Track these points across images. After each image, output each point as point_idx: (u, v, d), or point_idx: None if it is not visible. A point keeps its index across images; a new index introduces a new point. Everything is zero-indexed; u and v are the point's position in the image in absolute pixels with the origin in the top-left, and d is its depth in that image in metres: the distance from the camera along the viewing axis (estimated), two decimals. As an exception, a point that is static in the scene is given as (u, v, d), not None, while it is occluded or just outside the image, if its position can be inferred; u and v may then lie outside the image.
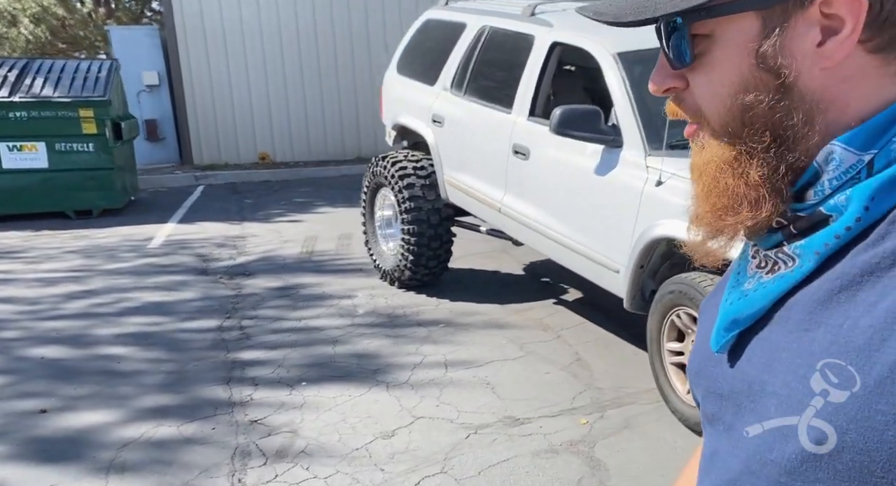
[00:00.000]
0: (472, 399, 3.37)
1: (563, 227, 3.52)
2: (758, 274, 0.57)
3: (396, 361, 3.86)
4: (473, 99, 4.33)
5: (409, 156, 4.91)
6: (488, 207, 4.18)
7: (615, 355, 3.78)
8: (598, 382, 3.49)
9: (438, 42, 4.89)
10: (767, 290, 0.55)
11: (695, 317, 2.85)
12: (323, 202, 8.53)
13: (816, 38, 0.51)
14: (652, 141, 3.09)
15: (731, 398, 0.58)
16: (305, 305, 4.84)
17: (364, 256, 5.85)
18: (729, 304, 0.59)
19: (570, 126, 3.27)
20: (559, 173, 3.54)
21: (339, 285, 5.20)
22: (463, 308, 4.61)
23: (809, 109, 0.53)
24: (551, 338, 4.06)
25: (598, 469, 2.75)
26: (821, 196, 0.53)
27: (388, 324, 4.41)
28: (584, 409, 3.22)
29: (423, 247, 4.73)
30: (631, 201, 3.05)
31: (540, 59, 3.80)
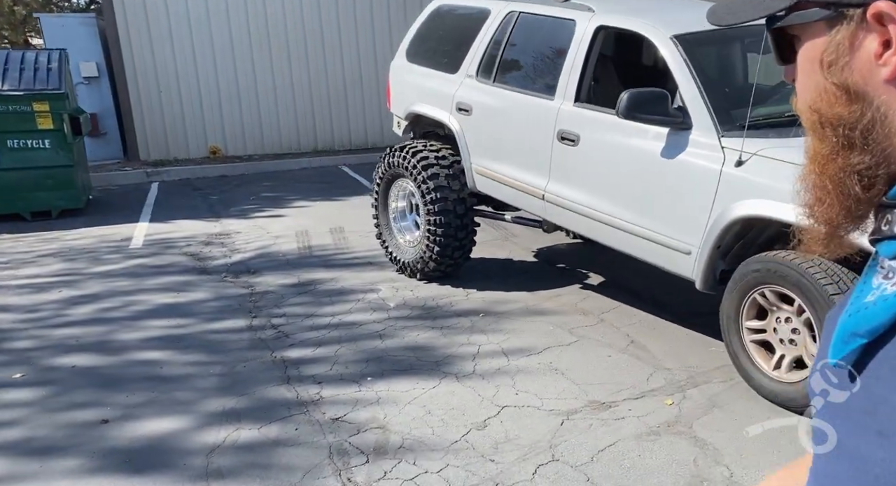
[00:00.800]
0: (549, 386, 3.40)
1: (624, 211, 3.58)
2: (882, 285, 0.54)
3: (453, 352, 3.84)
4: (506, 86, 4.33)
5: (429, 145, 4.87)
6: (528, 195, 4.20)
7: (665, 336, 3.90)
8: (664, 363, 3.59)
9: (456, 29, 4.86)
10: (890, 303, 0.51)
11: (780, 294, 2.98)
12: (296, 196, 8.31)
13: (876, 49, 0.52)
14: (723, 122, 3.20)
15: (851, 417, 0.54)
16: (330, 301, 4.73)
17: (367, 248, 5.78)
18: (849, 316, 0.56)
19: (639, 109, 3.33)
20: (617, 158, 3.60)
21: (356, 280, 5.11)
22: (494, 297, 4.63)
23: (881, 119, 0.53)
24: (595, 322, 4.14)
25: (706, 449, 2.85)
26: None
27: (427, 316, 4.38)
28: (664, 390, 3.32)
29: (449, 237, 4.71)
30: (707, 183, 3.15)
31: (584, 43, 3.85)
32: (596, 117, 3.75)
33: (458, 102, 4.64)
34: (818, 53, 0.56)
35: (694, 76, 3.33)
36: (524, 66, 4.28)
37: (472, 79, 4.58)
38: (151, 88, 10.29)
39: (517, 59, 4.33)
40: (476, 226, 4.85)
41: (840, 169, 0.55)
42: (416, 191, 4.86)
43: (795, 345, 2.97)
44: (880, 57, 0.52)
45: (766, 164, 2.96)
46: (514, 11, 4.37)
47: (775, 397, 3.04)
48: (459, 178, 4.72)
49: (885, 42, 0.51)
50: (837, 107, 0.55)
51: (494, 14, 4.51)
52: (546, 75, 4.10)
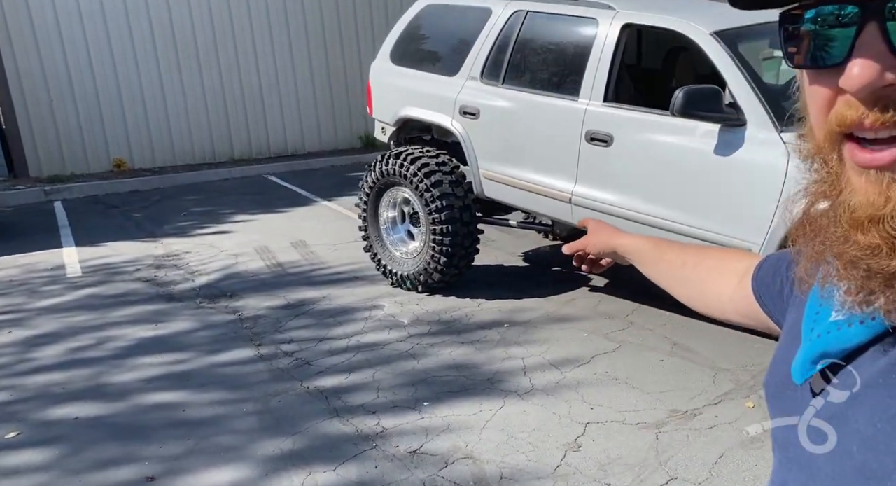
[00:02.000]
0: (620, 397, 3.29)
1: (671, 211, 3.54)
2: (847, 302, 0.51)
3: (499, 367, 3.64)
4: (519, 88, 4.19)
5: (427, 152, 4.63)
6: (550, 199, 4.08)
7: (705, 336, 3.91)
8: (719, 363, 3.59)
9: (449, 29, 4.66)
10: (867, 326, 0.50)
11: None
12: (231, 210, 7.74)
13: None
14: (780, 117, 3.22)
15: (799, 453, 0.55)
16: (335, 321, 4.37)
17: (344, 262, 5.46)
18: (817, 336, 0.54)
19: (695, 107, 3.30)
20: (662, 157, 3.55)
21: (350, 297, 4.77)
22: (508, 306, 4.47)
23: None
24: (626, 326, 4.09)
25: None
26: None
27: (449, 331, 4.14)
28: (738, 392, 3.30)
29: (456, 246, 4.50)
30: (772, 179, 3.15)
31: (611, 42, 3.78)
32: (632, 117, 3.69)
33: (463, 105, 4.44)
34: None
35: (743, 72, 3.34)
36: (538, 67, 4.15)
37: (477, 81, 4.40)
38: (40, 96, 9.20)
39: (529, 59, 4.20)
40: (480, 232, 4.67)
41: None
42: (416, 199, 4.60)
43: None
44: None
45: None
46: (522, 11, 4.24)
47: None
48: (462, 184, 4.52)
49: None
50: None
51: (497, 13, 4.36)
52: (566, 75, 4.00)
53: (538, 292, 4.68)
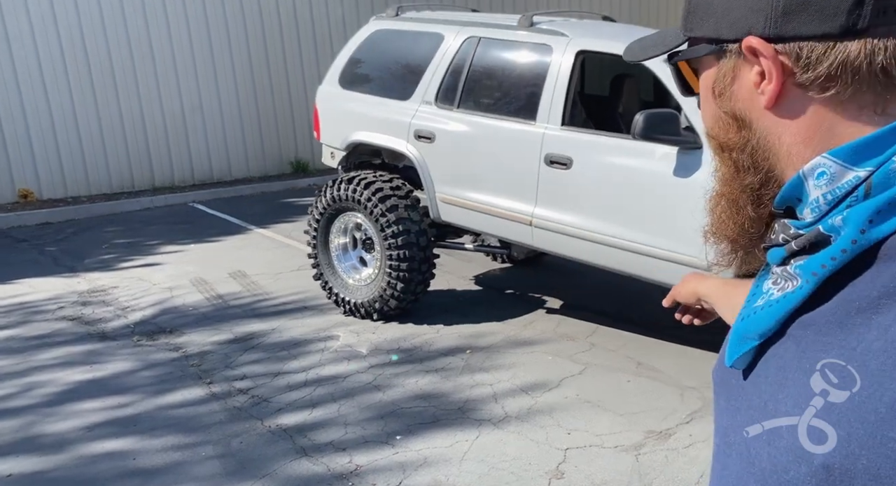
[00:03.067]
0: (595, 420, 3.27)
1: (632, 232, 3.59)
2: (770, 291, 0.58)
3: (468, 395, 3.56)
4: (475, 112, 4.18)
5: (380, 176, 4.55)
6: (510, 222, 4.07)
7: (665, 354, 3.96)
8: (684, 381, 3.63)
9: (400, 54, 4.62)
10: (774, 309, 0.56)
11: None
12: (158, 240, 7.36)
13: (754, 80, 0.57)
14: (734, 144, 3.33)
15: (747, 414, 0.59)
16: (289, 355, 4.17)
17: (290, 292, 5.26)
18: (741, 319, 0.60)
19: (655, 130, 3.38)
20: (622, 179, 3.60)
21: (301, 328, 4.58)
22: (467, 331, 4.40)
23: (766, 143, 0.58)
24: (588, 347, 4.10)
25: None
26: (818, 213, 0.55)
27: (411, 359, 4.03)
28: (706, 409, 3.34)
29: (413, 272, 4.42)
30: (730, 202, 3.25)
31: (566, 68, 3.84)
32: (591, 140, 3.74)
33: (417, 129, 4.39)
34: (710, 84, 0.61)
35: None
36: (494, 92, 4.16)
37: (431, 105, 4.36)
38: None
39: (484, 84, 4.20)
40: (436, 257, 4.60)
41: (736, 189, 0.61)
42: (370, 225, 4.50)
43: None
44: (758, 86, 0.56)
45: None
46: (474, 37, 4.25)
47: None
48: (417, 208, 4.46)
49: (761, 73, 0.56)
50: (730, 133, 0.60)
51: (450, 39, 4.35)
52: (522, 100, 4.02)
53: (496, 315, 4.64)
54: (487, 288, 5.27)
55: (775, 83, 0.55)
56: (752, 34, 0.56)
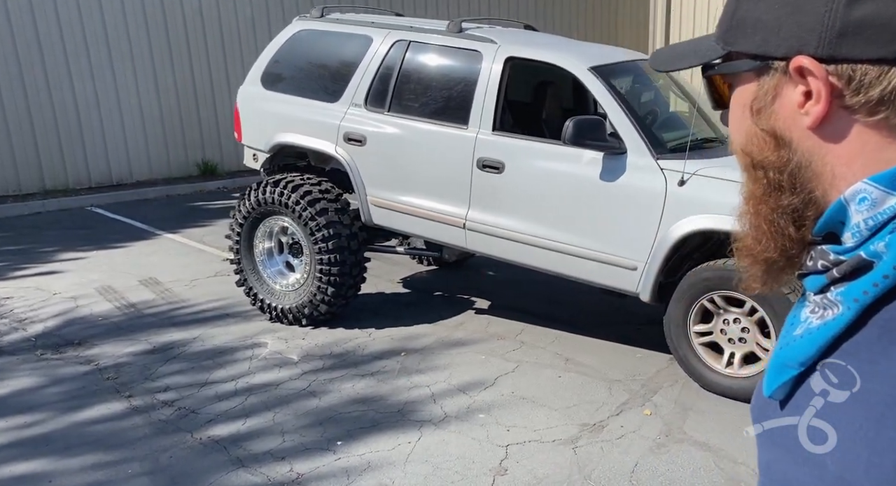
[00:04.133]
0: (531, 416, 3.36)
1: (560, 234, 3.72)
2: (809, 319, 0.57)
3: (406, 398, 3.57)
4: (406, 116, 4.20)
5: (308, 179, 4.48)
6: (443, 225, 4.11)
7: (591, 350, 4.12)
8: (610, 375, 3.79)
9: (328, 55, 4.56)
10: (814, 337, 0.55)
11: (730, 298, 3.38)
12: (55, 247, 6.92)
13: (798, 99, 0.56)
14: (656, 145, 3.53)
15: (782, 445, 0.58)
16: (215, 364, 4.03)
17: (209, 299, 5.10)
18: (779, 348, 0.59)
19: (585, 136, 3.51)
20: (551, 183, 3.72)
21: (225, 336, 4.44)
22: (399, 334, 4.41)
23: (807, 164, 0.58)
24: (518, 345, 4.20)
25: (716, 451, 3.07)
26: (858, 239, 0.54)
27: (345, 364, 3.99)
28: (633, 401, 3.50)
29: (344, 276, 4.38)
30: (653, 202, 3.44)
31: (496, 74, 3.93)
32: (522, 145, 3.84)
33: (347, 132, 4.35)
34: (748, 100, 0.60)
35: (620, 104, 3.63)
36: (425, 96, 4.19)
37: (361, 108, 4.34)
38: None
39: (415, 88, 4.22)
40: (367, 261, 4.58)
41: (772, 210, 0.59)
42: (298, 229, 4.42)
43: (745, 343, 3.40)
44: (803, 106, 0.56)
45: (707, 182, 3.35)
46: (404, 41, 4.27)
47: (732, 393, 3.42)
48: (348, 211, 4.42)
49: (807, 93, 0.55)
50: (766, 151, 0.59)
51: (378, 42, 4.35)
52: (454, 105, 4.08)
53: (426, 317, 4.66)
54: (416, 291, 5.29)
55: (823, 104, 0.55)
56: (802, 53, 0.55)
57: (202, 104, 10.49)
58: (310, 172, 4.71)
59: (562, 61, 3.81)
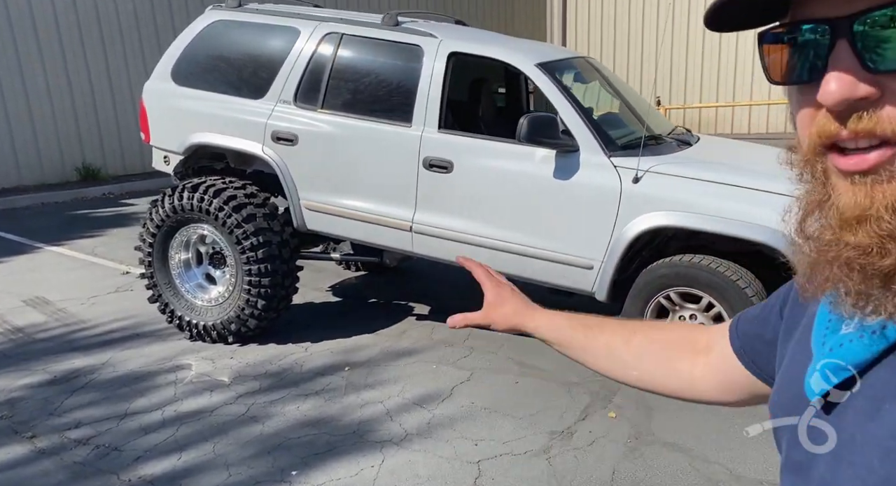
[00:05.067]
0: (496, 427, 3.20)
1: (514, 234, 3.59)
2: (857, 315, 0.52)
3: (360, 416, 3.30)
4: (342, 113, 3.92)
5: (231, 182, 4.11)
6: (387, 228, 3.87)
7: (543, 352, 4.01)
8: (567, 377, 3.70)
9: (249, 48, 4.19)
10: (878, 337, 0.51)
11: (686, 294, 3.37)
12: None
13: None
14: (608, 143, 3.48)
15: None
16: (132, 391, 3.59)
17: (112, 319, 4.62)
18: (829, 350, 0.55)
19: (538, 134, 3.40)
20: (503, 182, 3.58)
21: (139, 359, 3.98)
22: (339, 346, 4.13)
23: None
24: (468, 352, 4.04)
25: (688, 451, 3.03)
26: None
27: (285, 384, 3.66)
28: (596, 404, 3.42)
29: (276, 287, 4.05)
30: (608, 200, 3.38)
31: (439, 70, 3.75)
32: (471, 143, 3.68)
33: (275, 131, 4.01)
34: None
35: (570, 101, 3.55)
36: (362, 92, 3.93)
37: (290, 105, 4.01)
38: None
39: (351, 84, 3.95)
40: (300, 270, 4.26)
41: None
42: (222, 237, 4.03)
43: (701, 337, 3.40)
44: None
45: (661, 179, 3.33)
46: (335, 33, 3.99)
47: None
48: (277, 217, 4.09)
49: None
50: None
51: (307, 34, 4.04)
52: (395, 101, 3.85)
53: (365, 327, 4.40)
54: (348, 298, 5.00)
55: None
56: None
57: (79, 105, 9.61)
58: (229, 174, 4.32)
59: (508, 57, 3.69)
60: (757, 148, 4.23)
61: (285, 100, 4.02)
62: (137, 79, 9.59)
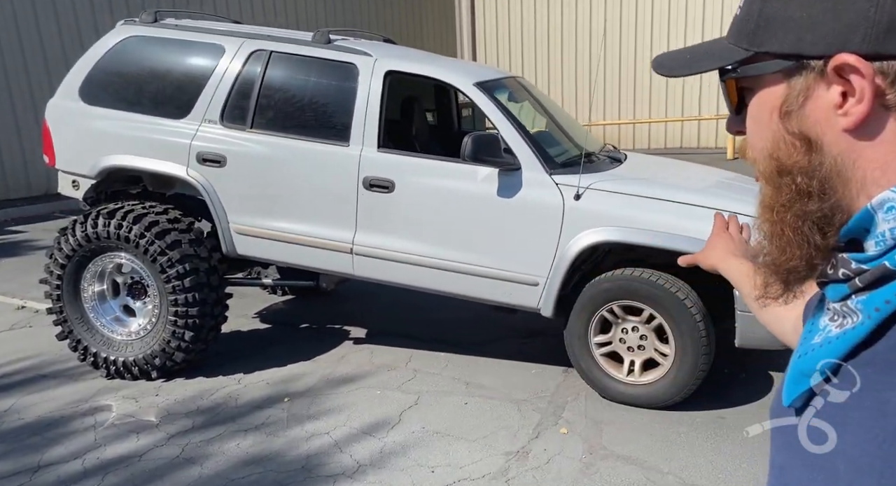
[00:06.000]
0: (450, 452, 3.12)
1: (459, 253, 3.55)
2: (828, 327, 0.57)
3: (307, 450, 3.14)
4: (275, 133, 3.77)
5: (151, 207, 3.86)
6: (328, 251, 3.73)
7: (487, 371, 3.98)
8: (515, 395, 3.68)
9: (166, 66, 3.96)
10: (833, 346, 0.54)
11: (628, 307, 3.44)
12: None
13: (835, 100, 0.54)
14: (548, 161, 3.51)
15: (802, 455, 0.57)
16: (45, 440, 3.27)
17: (16, 358, 4.27)
18: (798, 357, 0.58)
19: (483, 152, 3.39)
20: (447, 201, 3.53)
21: (52, 403, 3.64)
22: (275, 376, 3.93)
23: (839, 168, 0.55)
24: (412, 375, 3.94)
25: (640, 464, 3.06)
26: (883, 248, 0.52)
27: (220, 419, 3.44)
28: (546, 421, 3.40)
29: (205, 317, 3.83)
30: (551, 217, 3.40)
31: (377, 89, 3.68)
32: (413, 162, 3.62)
33: (201, 152, 3.80)
34: (776, 103, 0.57)
35: (511, 121, 3.57)
36: (295, 111, 3.79)
37: (216, 125, 3.82)
38: None
39: (282, 103, 3.80)
40: (229, 297, 4.04)
41: (798, 217, 0.57)
42: (143, 266, 3.77)
43: (644, 350, 3.48)
44: (841, 107, 0.54)
45: (601, 195, 3.40)
46: (264, 51, 3.84)
47: (636, 400, 3.48)
48: (204, 242, 3.87)
49: (844, 93, 0.53)
50: (796, 156, 0.56)
51: (232, 51, 3.86)
52: (330, 121, 3.74)
53: (301, 354, 4.22)
54: (278, 325, 4.79)
55: (866, 104, 0.52)
56: (845, 51, 0.52)
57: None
58: (147, 199, 4.06)
59: (447, 77, 3.67)
60: (681, 164, 4.41)
61: (211, 119, 3.82)
62: (20, 94, 8.95)
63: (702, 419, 3.38)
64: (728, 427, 3.26)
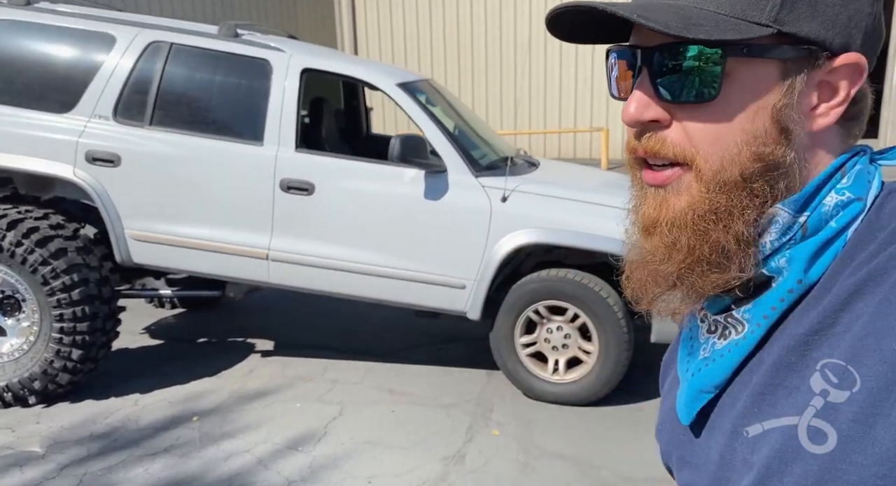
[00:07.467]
0: (385, 461, 2.99)
1: (385, 257, 3.44)
2: (710, 340, 0.57)
3: (228, 470, 2.89)
4: (177, 130, 3.47)
5: (28, 212, 3.44)
6: (242, 257, 3.48)
7: (410, 378, 3.87)
8: (441, 399, 3.60)
9: (45, 55, 3.53)
10: (726, 359, 0.55)
11: (553, 307, 3.49)
12: None
13: (813, 101, 0.52)
14: (473, 163, 3.50)
15: (705, 468, 0.58)
16: None
17: None
18: (691, 375, 0.58)
19: (410, 154, 3.32)
20: (370, 204, 3.41)
21: None
22: (178, 395, 3.60)
23: (792, 170, 0.53)
24: (331, 385, 3.76)
25: (576, 461, 3.10)
26: (762, 255, 0.54)
27: (120, 444, 3.09)
28: (477, 423, 3.35)
29: (96, 333, 3.45)
30: (478, 220, 3.39)
31: (292, 87, 3.50)
32: (334, 164, 3.46)
33: (91, 150, 3.43)
34: (771, 93, 0.52)
35: (435, 122, 3.53)
36: (201, 108, 3.50)
37: (108, 121, 3.46)
38: None
39: (186, 98, 3.51)
40: (122, 310, 3.67)
41: (738, 222, 0.53)
42: (20, 279, 3.34)
43: (567, 348, 3.54)
44: (816, 108, 0.52)
45: (527, 198, 3.44)
46: (163, 43, 3.54)
47: (561, 398, 3.52)
48: (93, 250, 3.49)
49: (829, 91, 0.52)
50: (777, 149, 0.52)
51: (126, 42, 3.53)
52: (241, 119, 3.50)
53: (202, 370, 3.90)
54: (172, 340, 4.41)
55: (839, 109, 0.53)
56: (852, 50, 0.52)
57: None
58: (20, 202, 3.60)
59: (369, 76, 3.56)
60: (586, 169, 4.58)
61: (102, 114, 3.46)
62: None
63: (624, 412, 3.49)
64: (648, 418, 3.39)
